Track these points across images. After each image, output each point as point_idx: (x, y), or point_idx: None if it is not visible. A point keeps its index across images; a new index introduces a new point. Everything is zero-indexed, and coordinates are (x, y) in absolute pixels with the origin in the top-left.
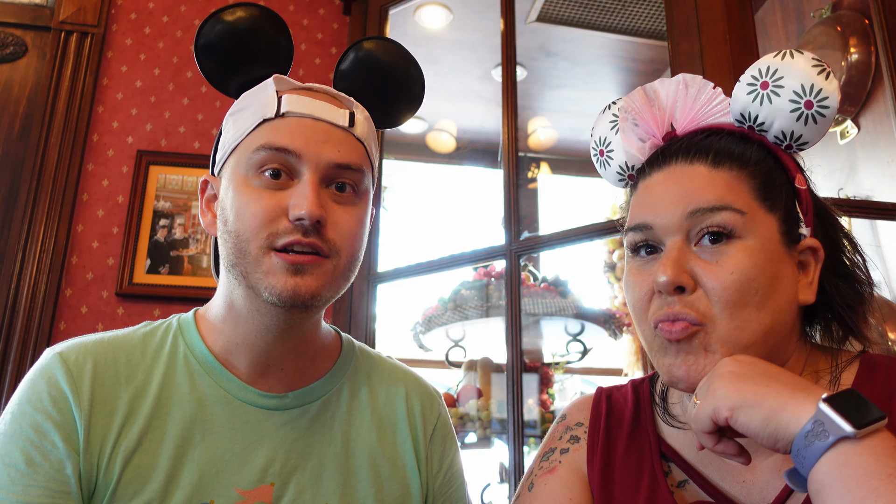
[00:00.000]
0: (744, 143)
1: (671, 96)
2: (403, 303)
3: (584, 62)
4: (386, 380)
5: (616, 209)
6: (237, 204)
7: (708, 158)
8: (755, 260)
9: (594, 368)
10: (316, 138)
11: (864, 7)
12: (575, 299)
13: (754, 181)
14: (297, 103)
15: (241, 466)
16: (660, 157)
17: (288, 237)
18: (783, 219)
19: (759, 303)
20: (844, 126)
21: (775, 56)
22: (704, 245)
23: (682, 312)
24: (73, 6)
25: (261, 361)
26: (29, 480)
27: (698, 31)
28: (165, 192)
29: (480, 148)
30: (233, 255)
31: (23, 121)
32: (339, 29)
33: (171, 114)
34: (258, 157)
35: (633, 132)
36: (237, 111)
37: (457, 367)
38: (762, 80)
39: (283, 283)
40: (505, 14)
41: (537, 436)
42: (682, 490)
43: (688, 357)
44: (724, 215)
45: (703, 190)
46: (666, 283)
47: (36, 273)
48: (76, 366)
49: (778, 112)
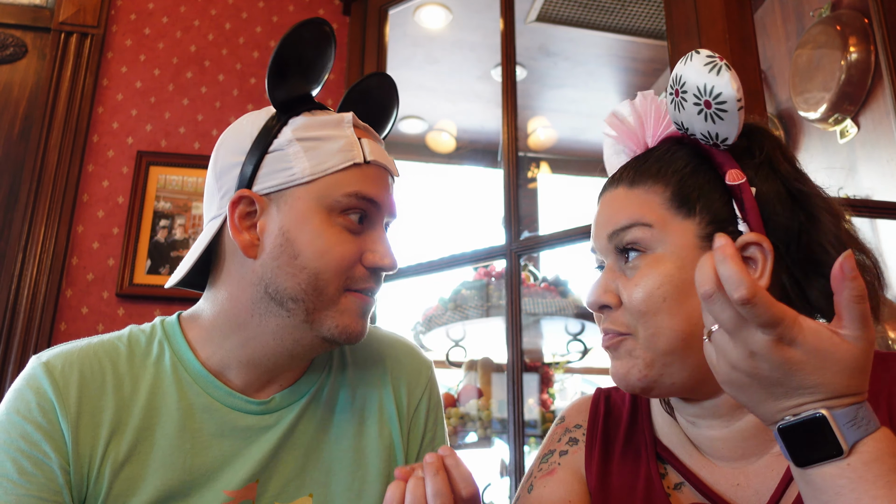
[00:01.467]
0: (673, 154)
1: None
2: (404, 303)
3: (584, 62)
4: (371, 359)
5: None
6: (319, 242)
7: (628, 179)
8: (661, 269)
9: (595, 368)
10: (389, 189)
11: (864, 6)
12: (575, 299)
13: (669, 190)
14: (377, 152)
15: (229, 471)
16: (602, 187)
17: (365, 283)
18: (706, 222)
19: (668, 310)
20: (844, 125)
21: (681, 61)
22: (626, 262)
23: (608, 328)
24: (73, 7)
25: (262, 379)
26: (21, 490)
27: (698, 31)
28: (165, 192)
29: (480, 148)
30: (301, 292)
31: (23, 122)
32: (338, 29)
33: (171, 114)
34: (347, 202)
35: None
36: (310, 138)
37: (457, 367)
38: (675, 87)
39: (356, 324)
40: (504, 14)
41: (538, 435)
42: (678, 492)
43: (618, 362)
44: (633, 232)
45: (620, 212)
46: (588, 303)
47: (36, 274)
48: (62, 376)
49: (691, 117)
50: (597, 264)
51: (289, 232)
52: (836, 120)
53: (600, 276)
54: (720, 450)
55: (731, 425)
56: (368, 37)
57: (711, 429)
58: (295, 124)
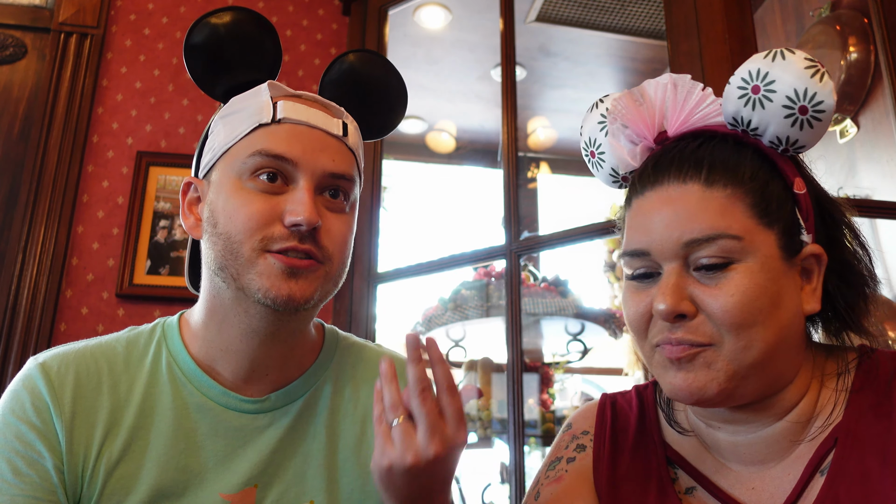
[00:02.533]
0: (738, 153)
1: (660, 98)
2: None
3: (584, 62)
4: (371, 368)
5: (616, 209)
6: (229, 206)
7: (701, 176)
8: (755, 281)
9: (594, 368)
10: (312, 146)
11: (863, 6)
12: (575, 299)
13: (750, 198)
14: (293, 110)
15: (224, 472)
16: (651, 173)
17: (284, 242)
18: (782, 231)
19: (763, 321)
20: (844, 125)
21: (766, 57)
22: (703, 269)
23: (685, 339)
24: (73, 7)
25: (245, 368)
26: (16, 490)
27: (697, 31)
28: (165, 192)
29: (480, 148)
30: (222, 258)
31: (22, 122)
32: (338, 29)
33: (171, 115)
34: (253, 162)
35: (622, 135)
36: (228, 114)
37: (457, 368)
38: (753, 83)
39: (278, 287)
40: (504, 14)
41: (538, 436)
42: (690, 496)
43: (688, 374)
44: (721, 244)
45: (697, 216)
46: (665, 311)
47: (36, 274)
48: (58, 376)
49: (771, 117)
50: (641, 271)
51: (211, 203)
52: (835, 120)
53: (669, 282)
54: (741, 454)
55: (757, 431)
56: (368, 37)
57: (736, 434)
58: (223, 106)
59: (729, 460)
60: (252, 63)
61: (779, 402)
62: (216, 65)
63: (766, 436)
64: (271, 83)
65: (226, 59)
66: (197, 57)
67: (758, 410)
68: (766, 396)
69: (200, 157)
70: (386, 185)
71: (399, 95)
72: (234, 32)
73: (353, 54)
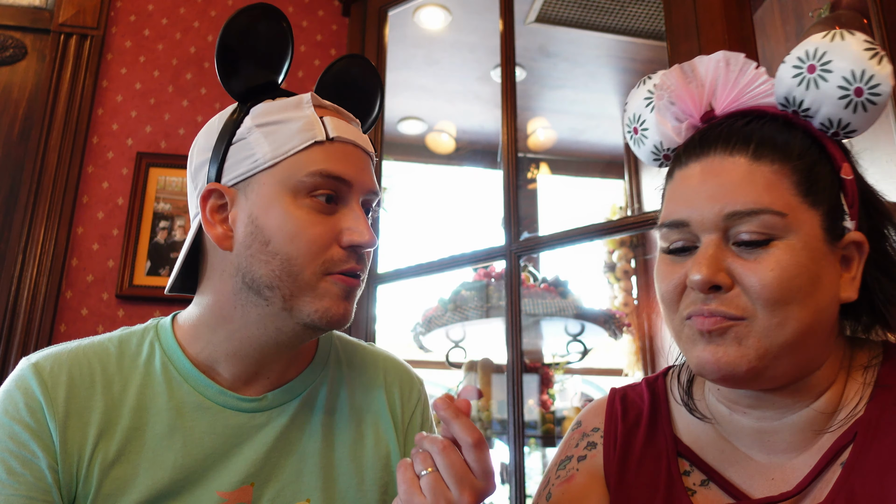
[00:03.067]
0: (788, 132)
1: (710, 75)
2: (404, 304)
3: (583, 63)
4: (365, 368)
5: (616, 209)
6: (288, 226)
7: (748, 150)
8: (797, 258)
9: (594, 369)
10: (360, 166)
11: (863, 6)
12: (575, 299)
13: (797, 175)
14: (340, 128)
15: (222, 470)
16: (698, 144)
17: (344, 265)
18: (826, 214)
19: (801, 300)
20: None
21: (824, 37)
22: (742, 244)
23: (718, 310)
24: (73, 8)
25: (250, 372)
26: (10, 490)
27: (697, 32)
28: (165, 193)
29: (480, 149)
30: (276, 278)
31: (22, 123)
32: (338, 30)
33: (171, 116)
34: (312, 182)
35: (668, 111)
36: (268, 123)
37: (457, 368)
38: (809, 62)
39: (337, 307)
40: (504, 15)
41: (538, 436)
42: (706, 488)
43: (718, 348)
44: (764, 219)
45: (741, 189)
46: (700, 281)
47: (36, 275)
48: (51, 376)
49: (825, 98)
50: (679, 244)
51: (258, 219)
52: None
53: (707, 252)
54: (765, 442)
55: (783, 418)
56: (368, 38)
57: (762, 420)
58: (255, 112)
59: (751, 449)
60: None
61: (806, 388)
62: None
63: (792, 423)
64: (314, 95)
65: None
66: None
67: (785, 395)
68: (795, 380)
69: (223, 162)
70: (386, 186)
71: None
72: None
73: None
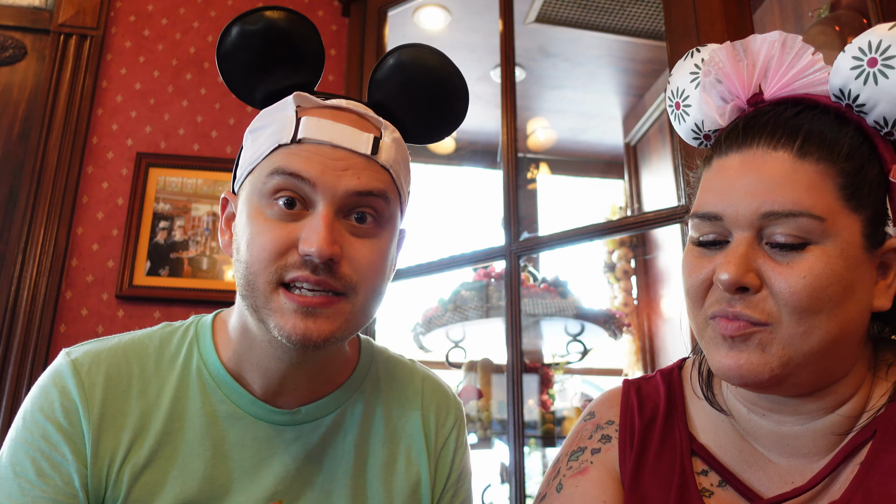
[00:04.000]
0: (838, 128)
1: (764, 55)
2: (403, 304)
3: (583, 63)
4: (403, 388)
5: (615, 209)
6: (247, 233)
7: (794, 145)
8: (831, 266)
9: (594, 369)
10: (334, 166)
11: (863, 7)
12: (575, 300)
13: (842, 179)
14: (316, 128)
15: (250, 483)
16: (741, 133)
17: (295, 272)
18: (869, 219)
19: (830, 311)
20: None
21: (891, 28)
22: (776, 245)
23: (743, 314)
24: (73, 9)
25: (274, 384)
26: (38, 491)
27: (697, 32)
28: (165, 194)
29: (480, 149)
30: (243, 287)
31: (22, 123)
32: (338, 30)
33: (171, 116)
34: (271, 183)
35: (714, 90)
36: (256, 129)
37: (457, 368)
38: (870, 55)
39: (293, 326)
40: (503, 15)
41: (537, 436)
42: (723, 490)
43: (741, 354)
44: (801, 222)
45: (781, 188)
46: (728, 281)
47: (36, 275)
48: (88, 376)
49: (884, 95)
50: (710, 237)
51: (236, 227)
52: None
53: (738, 251)
54: (785, 446)
55: (805, 423)
56: (368, 38)
57: (783, 424)
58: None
59: (770, 451)
60: (291, 67)
61: (831, 395)
62: (252, 69)
63: (815, 429)
64: (298, 95)
65: (262, 63)
66: (232, 61)
67: (808, 401)
68: (820, 388)
69: (237, 171)
70: None
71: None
72: (272, 33)
73: (401, 50)
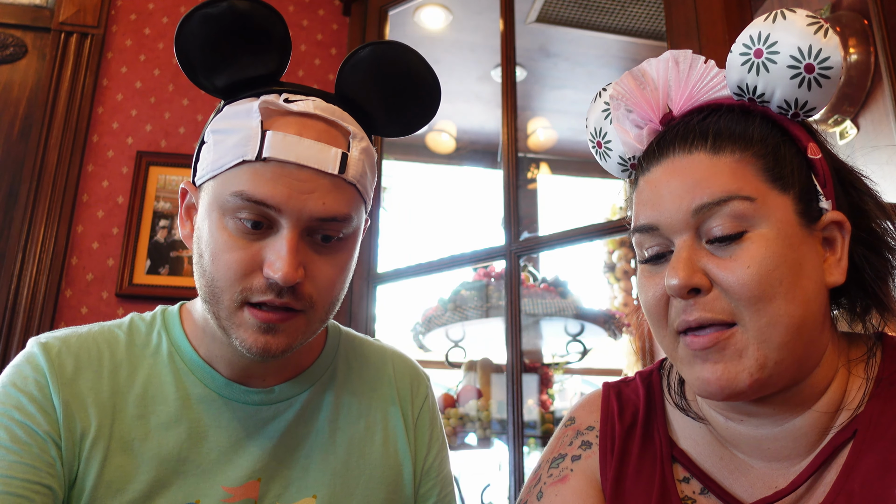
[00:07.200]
0: (745, 120)
1: (662, 76)
2: (403, 303)
3: (584, 63)
4: (373, 363)
5: (616, 209)
6: (212, 245)
7: (707, 144)
8: (772, 249)
9: (594, 369)
10: (300, 188)
11: (863, 7)
12: (574, 300)
13: (761, 161)
14: (282, 146)
15: (227, 464)
16: (656, 148)
17: (262, 296)
18: (798, 196)
19: (785, 294)
20: (843, 127)
21: (766, 19)
22: (715, 241)
23: (704, 318)
24: (73, 7)
25: (241, 373)
26: (14, 457)
27: (697, 32)
28: (165, 192)
29: (480, 148)
30: (207, 294)
31: (23, 122)
32: (338, 30)
33: (171, 114)
34: (235, 203)
35: (627, 119)
36: (219, 131)
37: (457, 368)
38: (755, 47)
39: (254, 340)
40: (504, 15)
41: (537, 436)
42: (706, 497)
43: (716, 366)
44: (733, 206)
45: (705, 182)
46: (677, 286)
47: (36, 274)
48: (58, 357)
49: (777, 81)
50: (654, 251)
51: (198, 228)
52: (835, 121)
53: (681, 255)
54: (765, 450)
55: (783, 423)
56: (368, 37)
57: (760, 427)
58: (221, 114)
59: (751, 456)
60: (253, 52)
61: (806, 389)
62: (211, 60)
63: (794, 428)
64: (265, 101)
65: (222, 53)
66: (191, 48)
67: (785, 400)
68: (796, 381)
69: (197, 162)
70: (386, 186)
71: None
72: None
73: (375, 45)
